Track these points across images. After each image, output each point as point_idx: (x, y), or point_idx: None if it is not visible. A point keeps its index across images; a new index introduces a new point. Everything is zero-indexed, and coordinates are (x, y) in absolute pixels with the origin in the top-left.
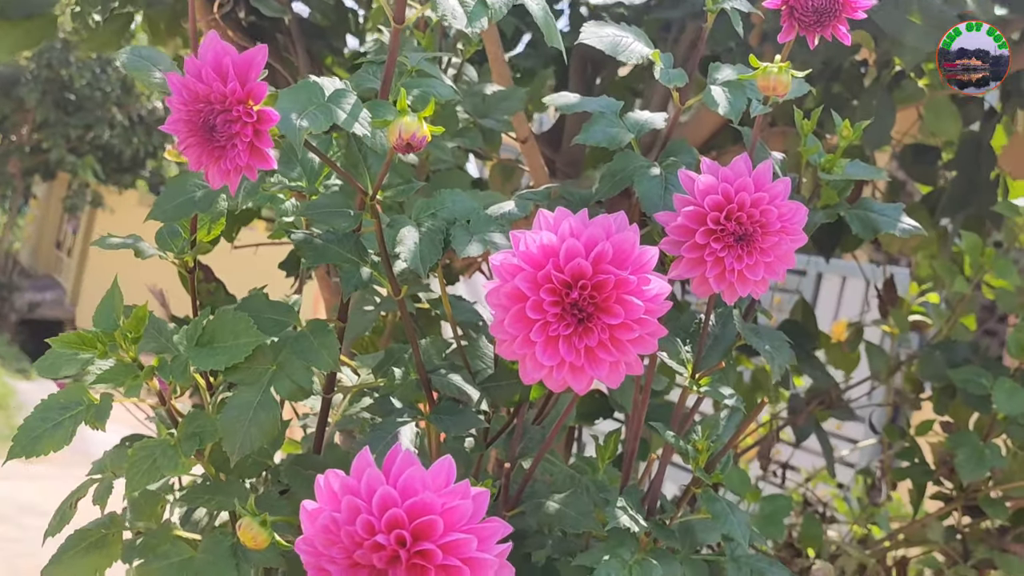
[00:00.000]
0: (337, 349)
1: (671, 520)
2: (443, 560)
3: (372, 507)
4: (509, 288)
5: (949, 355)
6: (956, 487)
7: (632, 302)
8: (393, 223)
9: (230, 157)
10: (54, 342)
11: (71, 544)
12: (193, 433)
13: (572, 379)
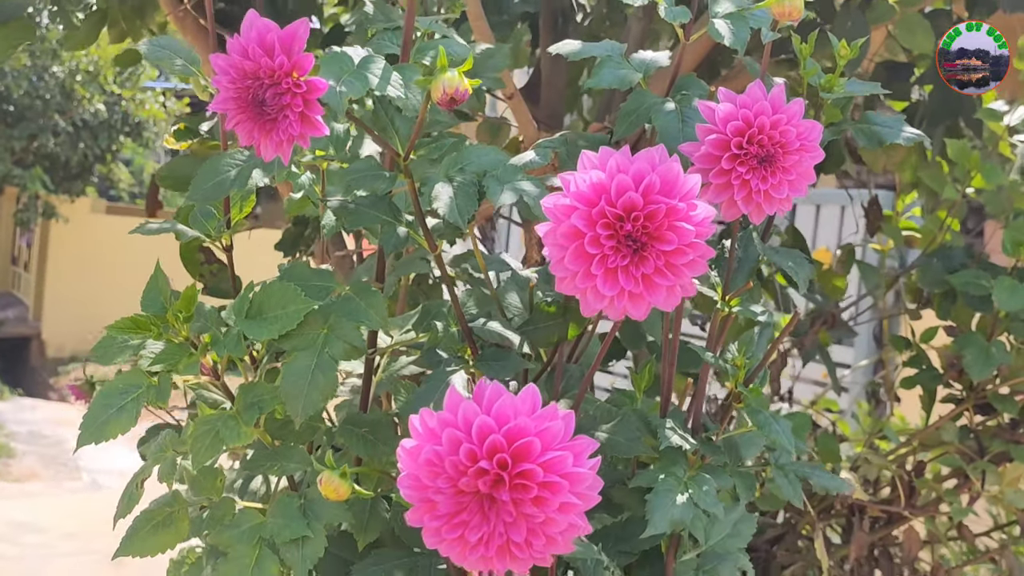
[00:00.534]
0: (384, 307)
1: (716, 437)
2: (543, 477)
3: (472, 436)
4: (565, 227)
5: (946, 261)
6: (965, 388)
7: (683, 228)
8: (426, 181)
9: (282, 128)
10: (109, 328)
11: (140, 524)
12: (252, 403)
13: (632, 307)
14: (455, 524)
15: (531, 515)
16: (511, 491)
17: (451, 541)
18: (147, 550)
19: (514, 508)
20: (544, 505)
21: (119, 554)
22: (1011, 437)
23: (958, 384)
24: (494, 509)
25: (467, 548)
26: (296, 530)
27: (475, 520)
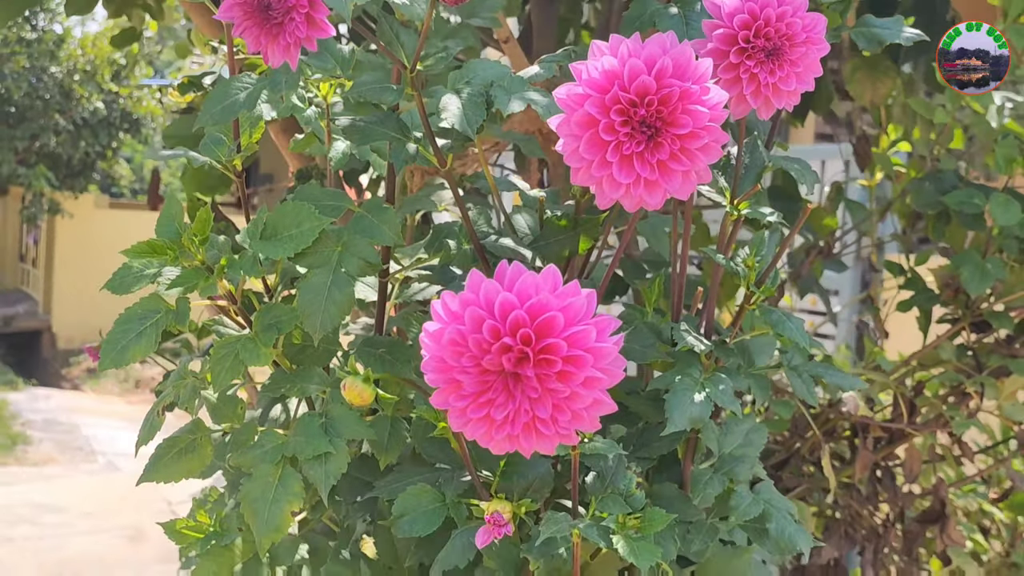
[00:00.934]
0: (397, 224)
1: (729, 340)
2: (567, 352)
3: (495, 314)
4: (579, 116)
5: (939, 183)
6: (961, 307)
7: (697, 111)
8: (433, 94)
9: (288, 31)
10: (127, 253)
11: (163, 452)
12: (270, 324)
13: (647, 194)
14: (481, 403)
15: (556, 390)
16: (535, 367)
17: (477, 421)
18: (171, 475)
19: (539, 384)
20: (569, 380)
21: (143, 480)
22: (1008, 351)
23: (954, 303)
24: (519, 386)
25: (493, 427)
26: (319, 446)
27: (500, 398)
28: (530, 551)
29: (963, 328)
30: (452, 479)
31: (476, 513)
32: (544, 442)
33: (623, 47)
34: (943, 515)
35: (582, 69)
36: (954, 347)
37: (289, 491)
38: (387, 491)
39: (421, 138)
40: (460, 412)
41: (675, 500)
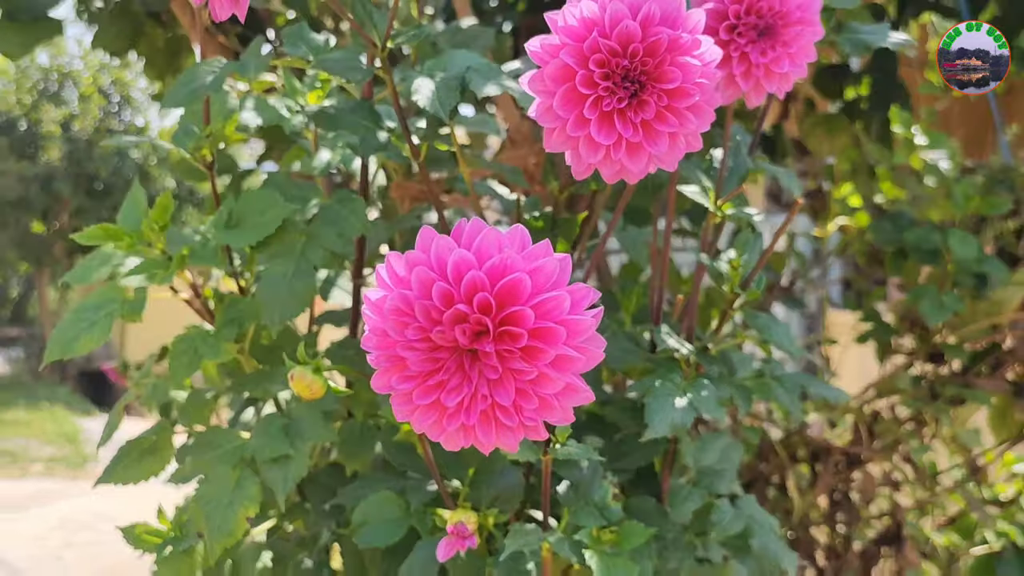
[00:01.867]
0: (365, 214)
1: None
2: (535, 323)
3: (448, 275)
4: (554, 67)
5: (897, 223)
6: (917, 339)
7: (688, 63)
8: (406, 77)
9: None
10: (79, 236)
11: (124, 453)
12: (232, 319)
13: (629, 159)
14: (429, 387)
15: (520, 371)
16: (496, 341)
17: (424, 409)
18: (131, 477)
19: (499, 363)
20: (536, 358)
21: (101, 481)
22: (963, 381)
23: (910, 335)
24: (476, 366)
25: (444, 416)
26: (278, 449)
27: (453, 380)
28: (495, 565)
29: (917, 360)
30: (419, 488)
31: (440, 524)
32: (506, 435)
33: None
34: (899, 537)
35: (558, 17)
36: (909, 377)
37: (245, 494)
38: (351, 498)
39: (393, 128)
40: (405, 397)
41: (652, 514)
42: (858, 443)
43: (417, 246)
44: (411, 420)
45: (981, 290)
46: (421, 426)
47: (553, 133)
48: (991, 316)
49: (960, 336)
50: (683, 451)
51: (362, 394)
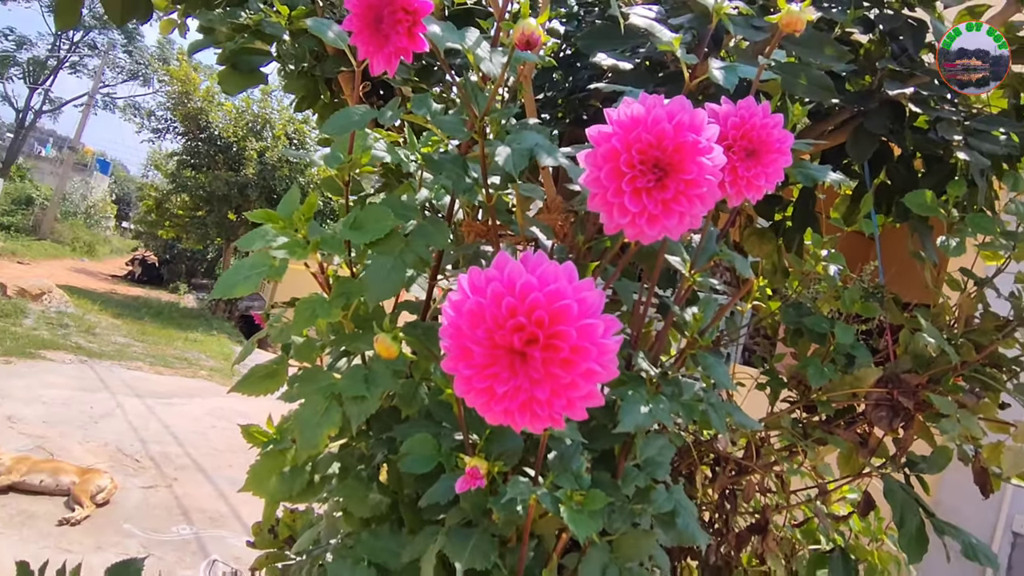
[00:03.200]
0: (447, 234)
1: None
2: (576, 341)
3: (516, 292)
4: (605, 149)
5: (798, 310)
6: (799, 394)
7: (703, 162)
8: (491, 144)
9: (393, 41)
10: (251, 215)
11: (253, 372)
12: (342, 292)
13: (648, 226)
14: (486, 375)
15: (557, 376)
16: (543, 350)
17: (479, 391)
18: (254, 391)
19: (542, 367)
20: (571, 368)
21: (234, 390)
22: (826, 429)
23: (795, 391)
24: (524, 366)
25: (493, 399)
26: (358, 390)
27: (505, 374)
28: (496, 503)
29: (797, 408)
30: (449, 436)
31: (461, 465)
32: (536, 422)
33: (649, 99)
34: (764, 529)
35: (613, 113)
36: (790, 419)
37: (330, 419)
38: (402, 434)
39: (477, 178)
40: (466, 380)
41: (608, 487)
42: (748, 458)
43: (494, 265)
44: (467, 396)
45: (849, 367)
46: (474, 402)
47: (595, 197)
48: (853, 386)
49: (829, 396)
50: (636, 444)
51: (421, 363)
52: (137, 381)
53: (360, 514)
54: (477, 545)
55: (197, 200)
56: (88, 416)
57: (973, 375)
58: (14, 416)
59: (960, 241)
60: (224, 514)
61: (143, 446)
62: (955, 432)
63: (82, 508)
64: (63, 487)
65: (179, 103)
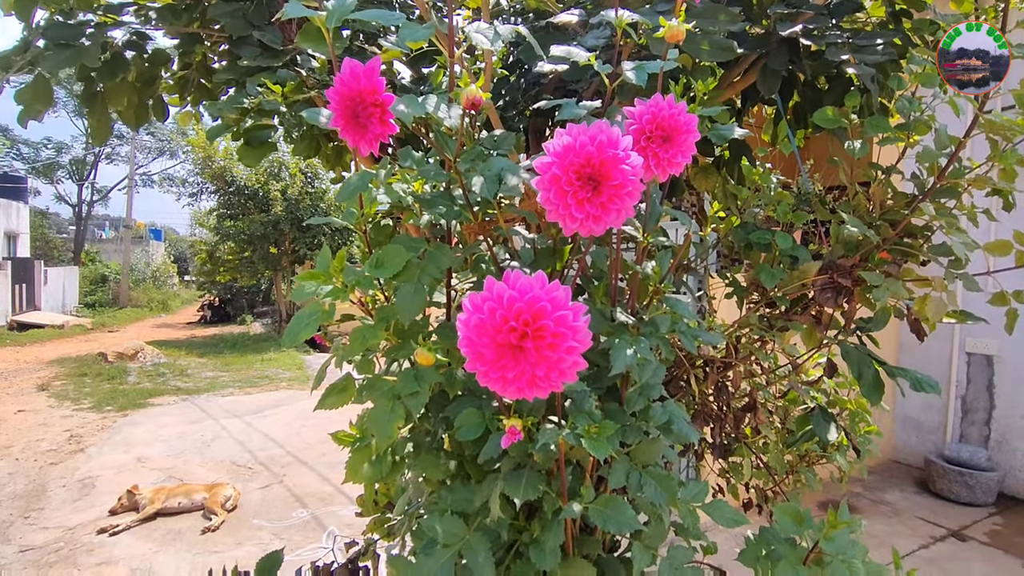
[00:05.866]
0: (452, 256)
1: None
2: (555, 329)
3: (504, 305)
4: (549, 176)
5: (745, 229)
6: (760, 295)
7: (624, 168)
8: (467, 175)
9: (371, 130)
10: (298, 277)
11: (329, 391)
12: (383, 317)
13: (594, 225)
14: (498, 367)
15: (548, 356)
16: (533, 340)
17: (495, 380)
18: (332, 405)
19: (536, 353)
20: (556, 348)
21: (319, 407)
22: (787, 317)
23: (756, 294)
24: (523, 355)
25: (506, 383)
26: (412, 387)
27: (511, 364)
28: (535, 447)
29: (761, 306)
30: (488, 404)
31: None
32: (541, 391)
33: (575, 130)
34: (755, 407)
35: (550, 146)
36: (757, 317)
37: (396, 414)
38: (453, 412)
39: (463, 204)
40: (484, 374)
41: (616, 413)
42: (730, 355)
43: (485, 288)
44: (488, 384)
45: (795, 265)
46: (494, 387)
47: (551, 211)
48: (800, 279)
49: (784, 292)
50: (632, 375)
51: (454, 352)
52: (232, 404)
53: (436, 477)
54: (529, 481)
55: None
56: (201, 442)
57: (894, 247)
58: (143, 457)
59: (863, 143)
60: (330, 493)
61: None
62: (885, 299)
63: (217, 516)
64: (197, 503)
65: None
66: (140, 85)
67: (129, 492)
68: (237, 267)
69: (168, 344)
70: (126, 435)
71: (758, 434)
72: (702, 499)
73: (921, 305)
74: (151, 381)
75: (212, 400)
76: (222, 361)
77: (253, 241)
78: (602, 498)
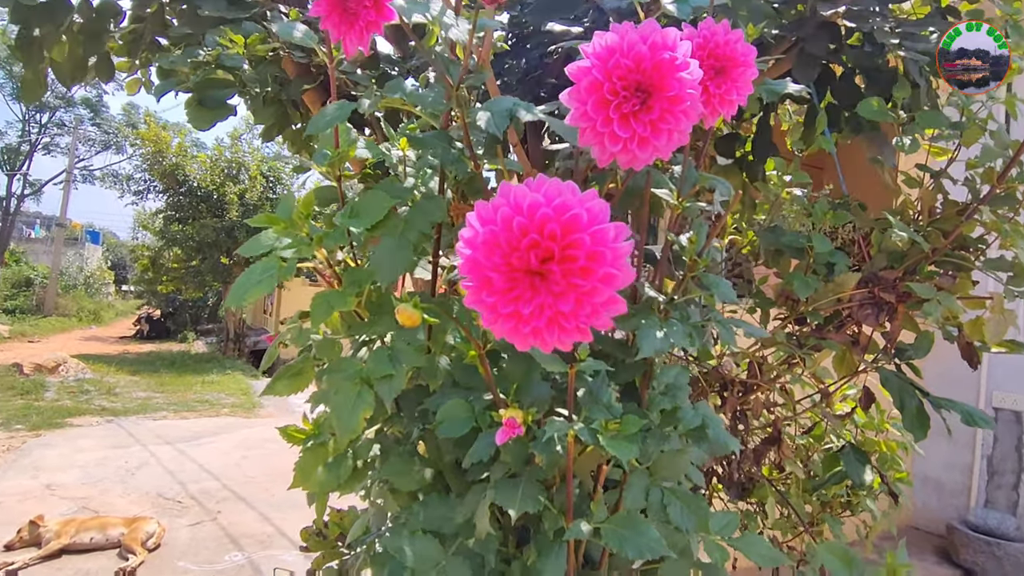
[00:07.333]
0: (444, 207)
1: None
2: (591, 247)
3: (524, 212)
4: (588, 81)
5: (775, 232)
6: (788, 309)
7: (683, 77)
8: (471, 112)
9: (362, 16)
10: (252, 220)
11: (282, 374)
12: (353, 281)
13: (639, 149)
14: (510, 299)
15: (578, 285)
16: (560, 262)
17: (506, 316)
18: (284, 390)
19: (563, 279)
20: (590, 275)
21: (267, 392)
22: (819, 335)
23: (784, 308)
24: (545, 283)
25: (520, 321)
26: (385, 370)
27: (528, 294)
28: (536, 447)
29: (789, 322)
30: (479, 398)
31: (497, 419)
32: (565, 336)
33: (622, 27)
34: (779, 439)
35: (588, 47)
36: (784, 333)
37: (363, 402)
38: (434, 405)
39: (462, 149)
40: (491, 308)
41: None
42: (752, 377)
43: (499, 193)
44: (495, 325)
45: (830, 275)
46: (502, 330)
47: (585, 131)
48: (836, 292)
49: (816, 306)
50: (656, 372)
51: (439, 336)
52: (164, 429)
53: (407, 488)
54: (526, 491)
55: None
56: (125, 470)
57: (945, 259)
58: (53, 484)
59: (914, 138)
60: (271, 535)
61: (182, 487)
62: (938, 313)
63: (135, 556)
64: (113, 540)
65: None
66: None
67: (32, 523)
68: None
69: (96, 359)
70: (36, 458)
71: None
72: (732, 531)
73: (975, 328)
74: (72, 399)
75: (141, 423)
76: (157, 381)
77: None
78: (618, 516)
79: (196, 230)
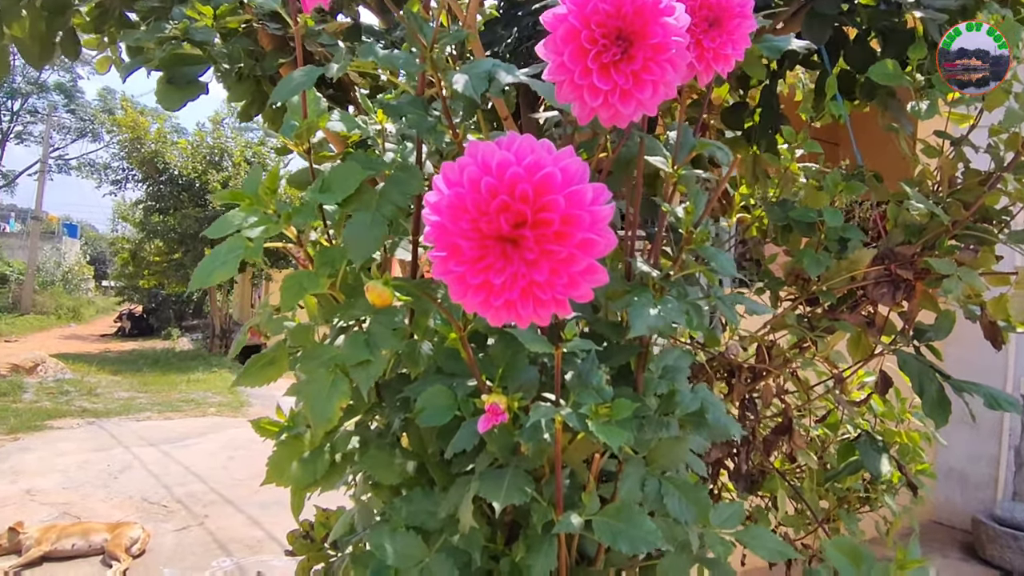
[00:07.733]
0: (421, 178)
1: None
2: (565, 210)
3: (493, 172)
4: (564, 30)
5: (783, 207)
6: (799, 289)
7: (667, 23)
8: (447, 75)
9: None
10: (216, 196)
11: (254, 362)
12: (325, 261)
13: (621, 104)
14: (480, 268)
15: (553, 252)
16: (533, 227)
17: (476, 288)
18: (258, 381)
19: (536, 245)
20: (566, 240)
21: (237, 383)
22: (832, 316)
23: (794, 288)
24: (517, 250)
25: (492, 293)
26: (362, 355)
27: (499, 263)
28: (522, 435)
29: (800, 303)
30: (463, 384)
31: (480, 406)
32: (541, 309)
33: None
34: (790, 428)
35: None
36: (794, 315)
37: (339, 390)
38: (415, 392)
39: (439, 116)
40: (459, 279)
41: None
42: (760, 362)
43: (467, 153)
44: (465, 299)
45: (843, 251)
46: (473, 303)
47: (563, 85)
48: (850, 270)
49: (829, 285)
50: (652, 355)
51: (420, 320)
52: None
53: (389, 481)
54: (512, 481)
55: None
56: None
57: (966, 232)
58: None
59: (932, 102)
60: (260, 539)
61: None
62: (959, 291)
63: (119, 562)
64: (96, 546)
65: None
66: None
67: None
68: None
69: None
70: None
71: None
72: (735, 524)
73: (998, 306)
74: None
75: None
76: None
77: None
78: (610, 507)
79: (178, 221)
